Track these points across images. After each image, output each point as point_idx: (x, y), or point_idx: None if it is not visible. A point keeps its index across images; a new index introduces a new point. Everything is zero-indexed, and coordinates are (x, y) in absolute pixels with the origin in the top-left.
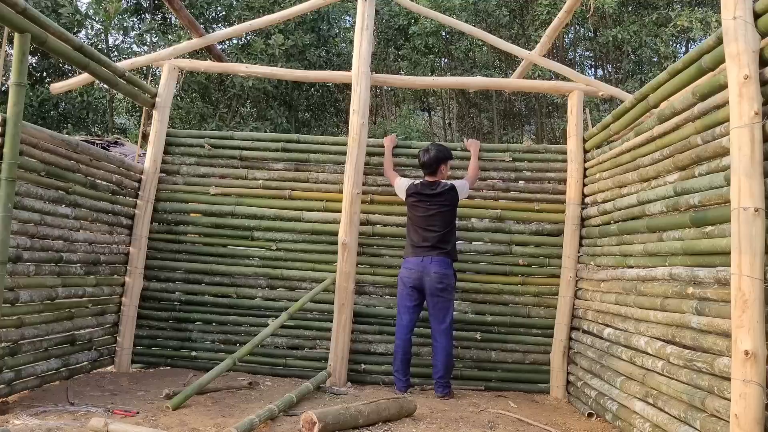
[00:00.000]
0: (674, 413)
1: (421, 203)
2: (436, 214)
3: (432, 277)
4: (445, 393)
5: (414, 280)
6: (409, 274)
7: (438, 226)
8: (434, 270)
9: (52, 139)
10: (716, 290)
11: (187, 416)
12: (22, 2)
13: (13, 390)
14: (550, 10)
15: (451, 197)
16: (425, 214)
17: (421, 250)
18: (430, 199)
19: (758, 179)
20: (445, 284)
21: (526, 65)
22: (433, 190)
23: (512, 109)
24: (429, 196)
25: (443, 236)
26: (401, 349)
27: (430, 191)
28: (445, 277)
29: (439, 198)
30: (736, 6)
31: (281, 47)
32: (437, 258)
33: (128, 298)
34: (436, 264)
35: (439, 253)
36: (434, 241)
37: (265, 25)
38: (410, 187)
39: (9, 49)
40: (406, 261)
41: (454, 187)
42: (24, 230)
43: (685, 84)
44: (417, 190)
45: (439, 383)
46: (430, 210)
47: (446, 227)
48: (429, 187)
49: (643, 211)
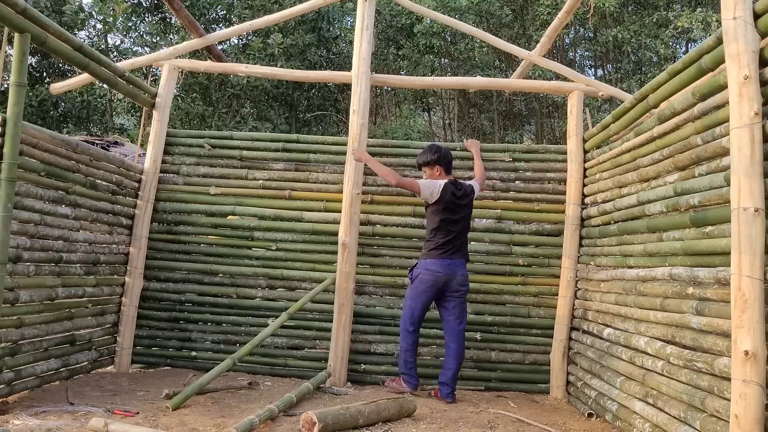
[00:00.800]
0: (674, 413)
1: (452, 205)
2: (465, 217)
3: (458, 280)
4: (454, 397)
5: (441, 281)
6: (436, 275)
7: (464, 229)
8: (461, 273)
9: (52, 139)
10: (716, 290)
11: (187, 416)
12: (22, 2)
13: (13, 390)
14: (550, 11)
15: (472, 199)
16: (456, 216)
17: (450, 253)
18: (459, 200)
19: (758, 179)
20: (468, 286)
21: (526, 65)
22: (460, 190)
23: (512, 109)
24: (459, 198)
25: (466, 238)
26: (415, 346)
27: (459, 192)
28: (467, 279)
29: (466, 199)
30: (736, 6)
31: (280, 46)
32: (462, 261)
33: (128, 298)
34: (462, 266)
35: (463, 255)
36: (461, 243)
37: (265, 25)
38: (445, 188)
39: (9, 50)
40: (432, 262)
41: (473, 189)
42: (24, 230)
43: (685, 84)
44: (451, 191)
45: (450, 387)
46: (459, 212)
47: (468, 230)
48: (457, 187)
49: (643, 211)
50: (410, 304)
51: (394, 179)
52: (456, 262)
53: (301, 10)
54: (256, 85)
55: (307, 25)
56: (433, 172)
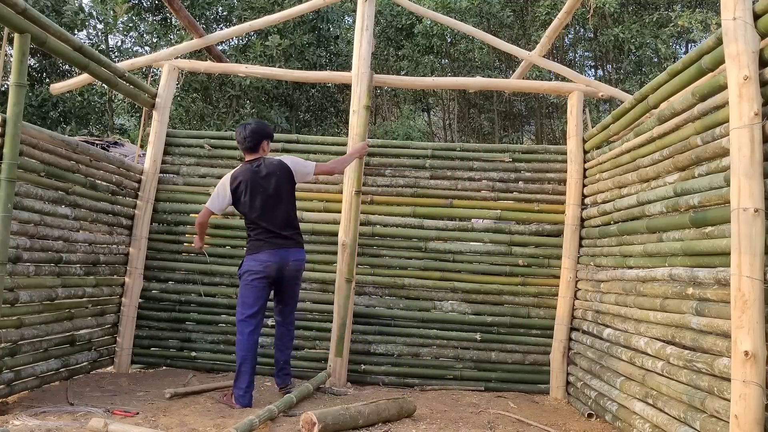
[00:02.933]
0: (674, 414)
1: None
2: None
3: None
4: (290, 382)
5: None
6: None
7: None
8: (293, 258)
9: (51, 139)
10: (716, 291)
11: (186, 416)
12: (22, 2)
13: (12, 390)
14: (549, 11)
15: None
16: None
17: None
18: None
19: (758, 180)
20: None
21: (526, 66)
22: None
23: (512, 109)
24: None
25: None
26: (254, 354)
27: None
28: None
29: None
30: (735, 7)
31: (278, 47)
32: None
33: (128, 299)
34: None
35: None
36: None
37: (265, 26)
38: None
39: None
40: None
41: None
42: (24, 231)
43: (685, 85)
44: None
45: (288, 372)
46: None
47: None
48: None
49: (642, 211)
50: (247, 304)
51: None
52: (289, 250)
53: (301, 10)
54: (256, 85)
55: (307, 25)
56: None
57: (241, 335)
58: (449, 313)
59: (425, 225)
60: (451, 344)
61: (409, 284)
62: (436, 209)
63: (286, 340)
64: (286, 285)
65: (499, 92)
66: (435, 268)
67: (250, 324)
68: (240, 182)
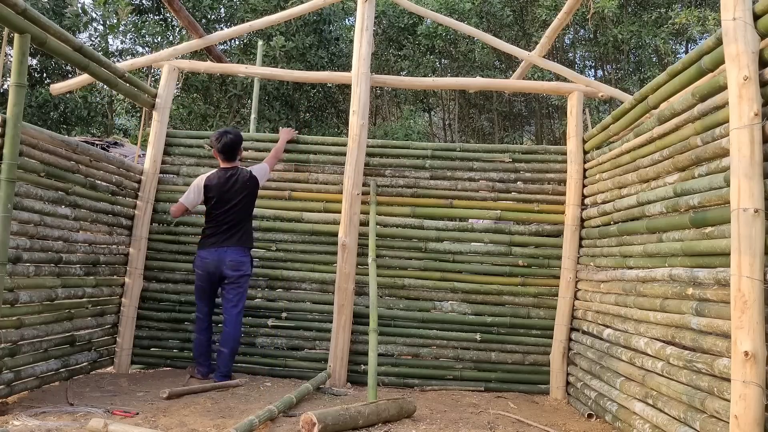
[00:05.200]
0: (674, 414)
1: (220, 195)
2: (237, 204)
3: (228, 265)
4: (228, 378)
5: (211, 268)
6: (205, 262)
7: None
8: (229, 258)
9: (51, 139)
10: (716, 291)
11: (186, 417)
12: (22, 3)
13: (12, 391)
14: (548, 12)
15: (249, 186)
16: (227, 206)
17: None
18: (228, 189)
19: (758, 180)
20: (241, 272)
21: (526, 66)
22: (231, 179)
23: (512, 110)
24: (228, 186)
25: (242, 226)
26: (199, 344)
27: (229, 181)
28: (242, 264)
29: (236, 186)
30: (735, 7)
31: (282, 49)
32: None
33: (128, 299)
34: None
35: (237, 242)
36: (235, 231)
37: (265, 26)
38: (209, 178)
39: (9, 50)
40: (201, 252)
41: (251, 174)
42: (24, 231)
43: (685, 85)
44: (217, 180)
45: (222, 370)
46: (231, 201)
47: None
48: (227, 175)
49: (642, 212)
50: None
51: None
52: (227, 250)
53: (302, 10)
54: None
55: (309, 27)
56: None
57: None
58: (449, 314)
59: (425, 225)
60: (451, 344)
61: (409, 284)
62: (436, 209)
63: (223, 339)
64: (225, 284)
65: (499, 92)
66: (435, 268)
67: (197, 318)
68: (213, 187)
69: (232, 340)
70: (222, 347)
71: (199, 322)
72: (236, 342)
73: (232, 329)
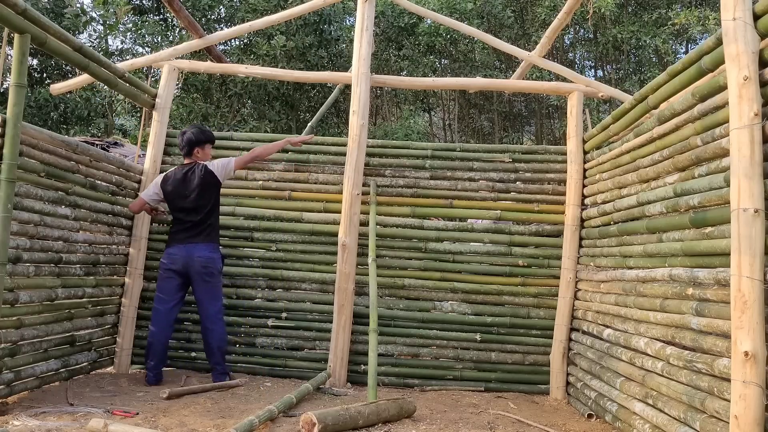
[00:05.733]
0: (674, 414)
1: (175, 193)
2: (193, 201)
3: (197, 261)
4: (228, 377)
5: (179, 265)
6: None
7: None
8: (197, 255)
9: (51, 139)
10: (716, 291)
11: (186, 417)
12: (22, 3)
13: (12, 391)
14: (548, 12)
15: (205, 181)
16: (185, 204)
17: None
18: (184, 187)
19: (758, 180)
20: (212, 267)
21: (526, 66)
22: (187, 176)
23: (512, 110)
24: (184, 184)
25: (207, 224)
26: (157, 341)
27: (185, 179)
28: (212, 261)
29: (192, 184)
30: (735, 7)
31: (283, 48)
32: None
33: (128, 299)
34: (202, 249)
35: (204, 239)
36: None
37: (265, 26)
38: (165, 177)
39: (9, 50)
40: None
41: (207, 169)
42: (24, 231)
43: (685, 85)
44: (173, 179)
45: (218, 368)
46: (188, 199)
47: (205, 214)
48: (183, 173)
49: (642, 212)
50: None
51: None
52: (195, 246)
53: (302, 10)
54: (258, 84)
55: (309, 27)
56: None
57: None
58: (449, 314)
59: (425, 225)
60: (451, 344)
61: (409, 284)
62: (436, 209)
63: (208, 339)
64: (195, 281)
65: (499, 93)
66: (435, 268)
67: (155, 313)
68: (169, 183)
69: (218, 338)
70: (211, 347)
71: (157, 315)
72: (223, 339)
73: (216, 327)
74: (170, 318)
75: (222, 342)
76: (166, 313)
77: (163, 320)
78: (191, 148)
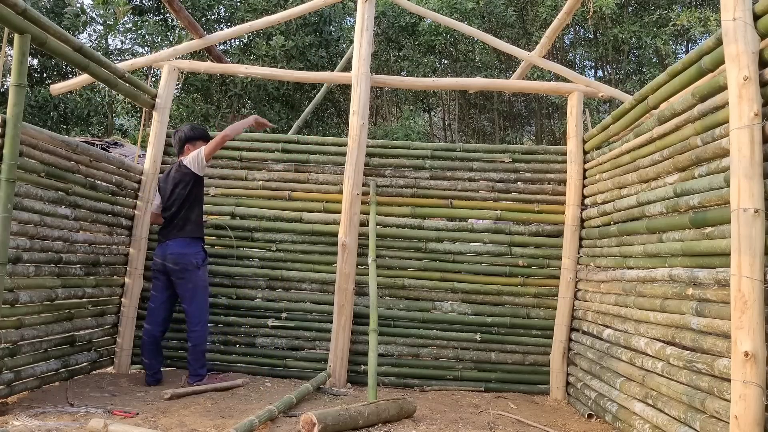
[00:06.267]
0: (674, 414)
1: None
2: (175, 198)
3: (169, 259)
4: (199, 378)
5: (159, 265)
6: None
7: (178, 210)
8: (170, 252)
9: (51, 140)
10: (716, 291)
11: (186, 417)
12: (22, 3)
13: (12, 391)
14: (550, 12)
15: (183, 174)
16: (168, 202)
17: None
18: (166, 183)
19: (758, 180)
20: (181, 265)
21: (526, 66)
22: (169, 174)
23: (512, 110)
24: (166, 181)
25: (184, 218)
26: (149, 341)
27: (167, 176)
28: (181, 258)
29: (172, 180)
30: (735, 7)
31: (282, 48)
32: (173, 241)
33: (128, 299)
34: (174, 246)
35: (178, 235)
36: (175, 224)
37: (265, 26)
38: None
39: (9, 50)
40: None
41: (183, 164)
42: (24, 231)
43: (685, 85)
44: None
45: (193, 372)
46: (171, 195)
47: (183, 208)
48: (169, 171)
49: (642, 212)
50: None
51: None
52: (168, 244)
53: (302, 10)
54: (258, 84)
55: (309, 27)
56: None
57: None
58: (449, 314)
59: (425, 225)
60: (451, 345)
61: (409, 285)
62: (436, 209)
63: (187, 338)
64: (174, 280)
65: (499, 93)
66: (435, 268)
67: (148, 310)
68: (160, 181)
69: (195, 336)
70: (188, 346)
71: (148, 312)
72: (199, 338)
73: (192, 326)
74: (159, 316)
75: (198, 341)
76: (154, 311)
77: (152, 318)
78: (182, 145)
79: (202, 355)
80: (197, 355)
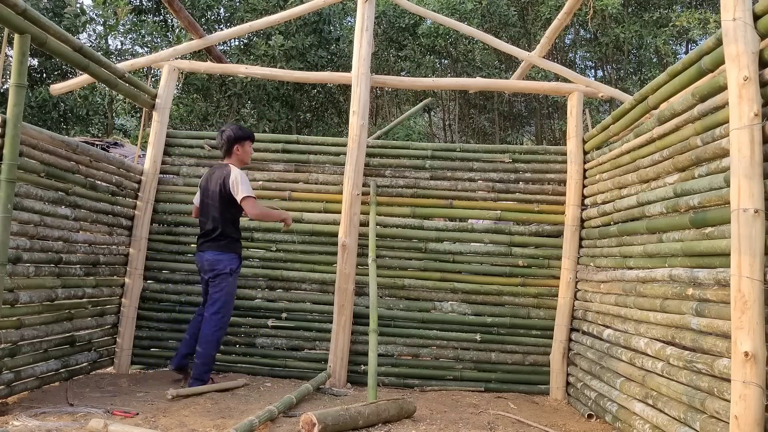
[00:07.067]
0: (674, 414)
1: (202, 194)
2: (210, 204)
3: (204, 266)
4: (189, 377)
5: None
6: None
7: (213, 217)
8: (205, 258)
9: (51, 140)
10: (716, 291)
11: (186, 417)
12: (22, 3)
13: (12, 391)
14: (551, 11)
15: (219, 185)
16: (205, 209)
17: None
18: (206, 189)
19: (758, 180)
20: (216, 270)
21: (526, 66)
22: (210, 178)
23: (512, 110)
24: (206, 186)
25: (217, 226)
26: (190, 333)
27: (207, 181)
28: (215, 264)
29: (212, 186)
30: (735, 7)
31: (281, 48)
32: (207, 251)
33: (128, 299)
34: (208, 253)
35: (212, 245)
36: (209, 232)
37: (265, 26)
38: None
39: (9, 50)
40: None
41: (223, 174)
42: (24, 231)
43: (685, 85)
44: (203, 180)
45: (194, 370)
46: (208, 201)
47: (216, 216)
48: (209, 175)
49: (642, 212)
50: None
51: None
52: (203, 252)
53: (302, 10)
54: (258, 84)
55: (309, 27)
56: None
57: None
58: (449, 314)
59: (425, 225)
60: (451, 345)
61: (409, 285)
62: (436, 210)
63: (201, 333)
64: (209, 283)
65: (499, 93)
66: (435, 268)
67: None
68: (201, 181)
69: (202, 340)
70: (199, 349)
71: (193, 321)
72: (209, 344)
73: (204, 329)
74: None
75: (207, 348)
76: (199, 317)
77: (196, 325)
78: (231, 146)
79: (211, 361)
80: (206, 359)
